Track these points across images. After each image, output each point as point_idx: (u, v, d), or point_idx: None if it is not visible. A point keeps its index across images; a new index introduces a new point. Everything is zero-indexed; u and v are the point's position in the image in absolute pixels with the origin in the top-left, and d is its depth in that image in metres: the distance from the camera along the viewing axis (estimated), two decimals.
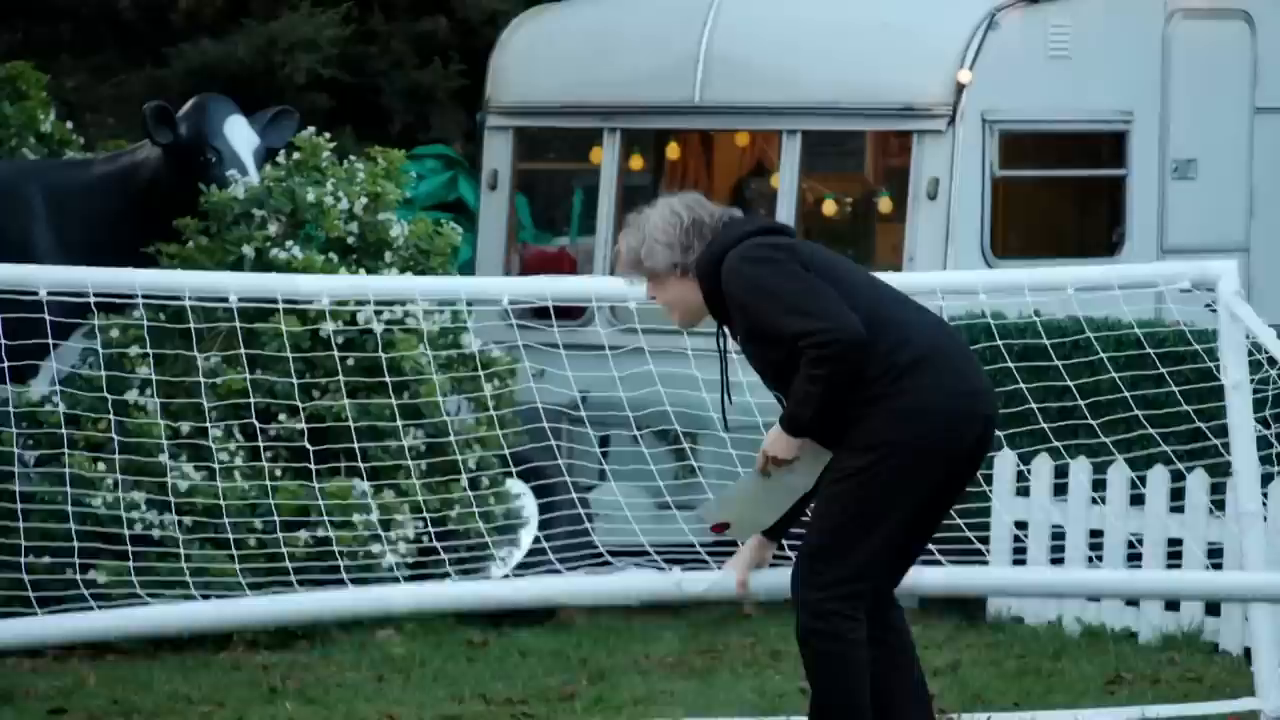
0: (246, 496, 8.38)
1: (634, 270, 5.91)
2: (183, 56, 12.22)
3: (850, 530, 5.74)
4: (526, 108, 10.46)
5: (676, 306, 5.88)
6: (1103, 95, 9.91)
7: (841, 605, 5.72)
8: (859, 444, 5.75)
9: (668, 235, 5.87)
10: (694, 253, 5.83)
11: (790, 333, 5.70)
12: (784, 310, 5.73)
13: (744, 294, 5.77)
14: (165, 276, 7.33)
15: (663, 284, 5.87)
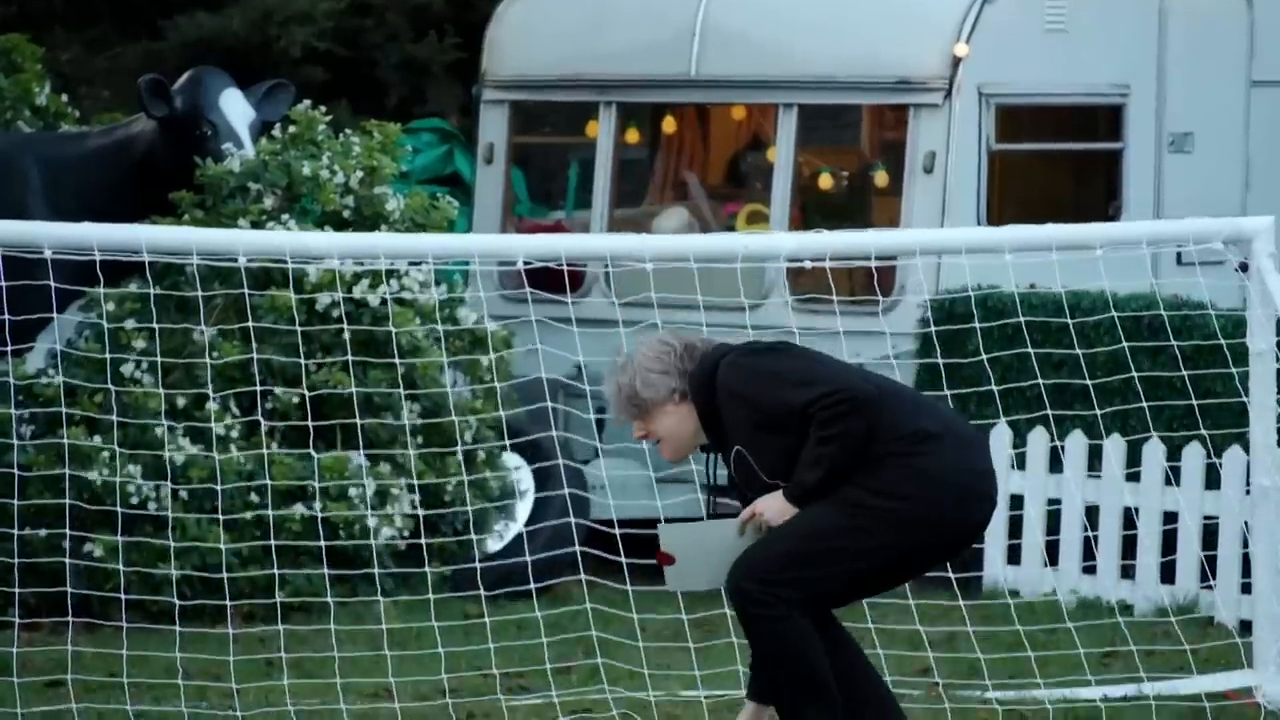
0: (243, 470, 8.39)
1: (630, 406, 5.93)
2: (178, 30, 12.20)
3: (820, 557, 5.78)
4: (522, 81, 10.44)
5: (671, 438, 5.90)
6: (1099, 69, 9.89)
7: (778, 601, 5.78)
8: (869, 486, 5.77)
9: (663, 363, 5.91)
10: (688, 377, 5.86)
11: (800, 403, 5.72)
12: (789, 386, 5.76)
13: (744, 385, 5.79)
14: (172, 234, 7.31)
15: (657, 416, 5.90)
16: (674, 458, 5.97)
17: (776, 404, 5.76)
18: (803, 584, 5.76)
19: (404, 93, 12.52)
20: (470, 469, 8.58)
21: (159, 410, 8.28)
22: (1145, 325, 8.69)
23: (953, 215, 9.52)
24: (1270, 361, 7.14)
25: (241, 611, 8.19)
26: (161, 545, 8.14)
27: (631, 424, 5.98)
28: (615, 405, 5.97)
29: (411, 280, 8.71)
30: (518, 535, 8.90)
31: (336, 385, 8.44)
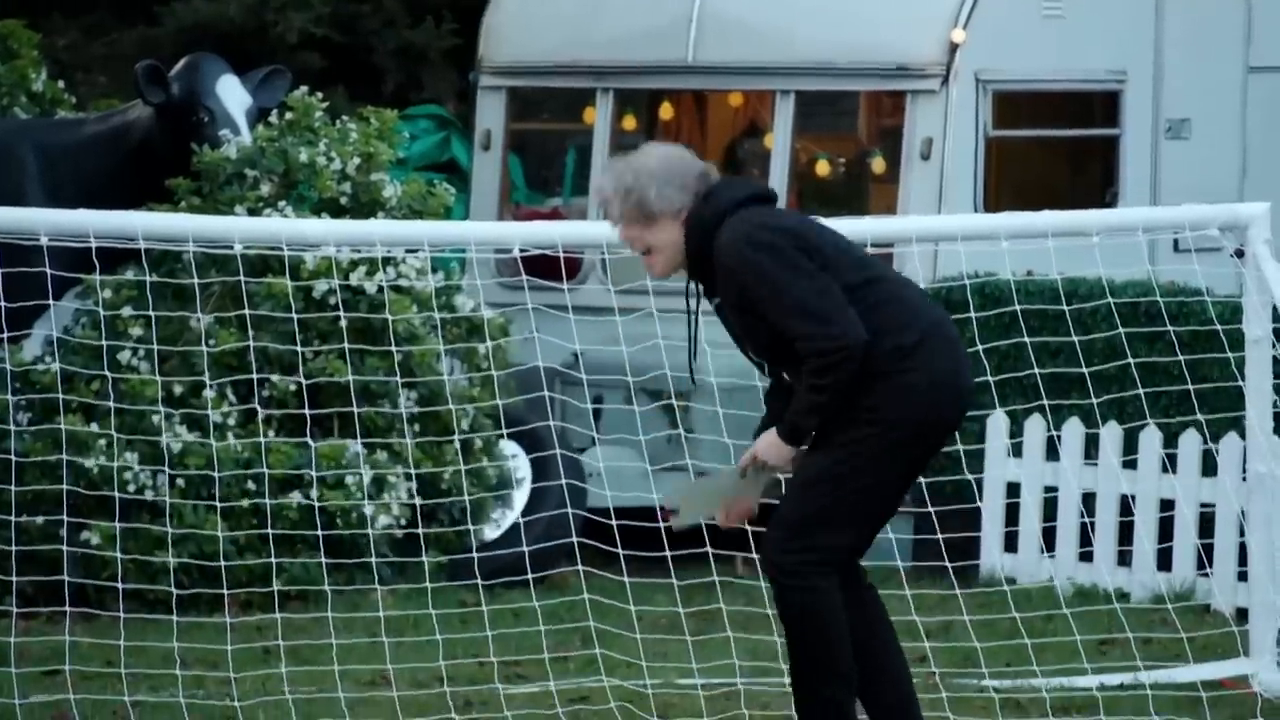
0: (239, 458, 8.39)
1: (634, 212, 5.72)
2: (175, 15, 12.18)
3: (837, 504, 5.76)
4: (519, 67, 10.43)
5: (664, 251, 5.73)
6: (1096, 55, 9.88)
7: (815, 568, 5.76)
8: (860, 417, 5.75)
9: (682, 178, 5.73)
10: (695, 200, 5.71)
11: (794, 334, 5.65)
12: (788, 307, 5.66)
13: (742, 272, 5.67)
14: (168, 220, 7.31)
15: (659, 228, 5.73)
16: (662, 273, 5.78)
17: (769, 313, 5.67)
18: (830, 544, 5.74)
19: (401, 79, 12.50)
20: (467, 457, 8.58)
21: (156, 398, 8.28)
22: (1142, 312, 8.69)
23: (950, 202, 9.52)
24: (1266, 348, 7.13)
25: (239, 600, 8.20)
26: (159, 533, 8.14)
27: (615, 225, 5.77)
28: (616, 208, 5.73)
29: (408, 268, 8.70)
30: (515, 524, 8.90)
31: (333, 373, 8.44)
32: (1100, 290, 8.45)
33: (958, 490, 8.54)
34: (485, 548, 8.73)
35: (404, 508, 8.53)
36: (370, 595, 8.18)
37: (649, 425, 8.74)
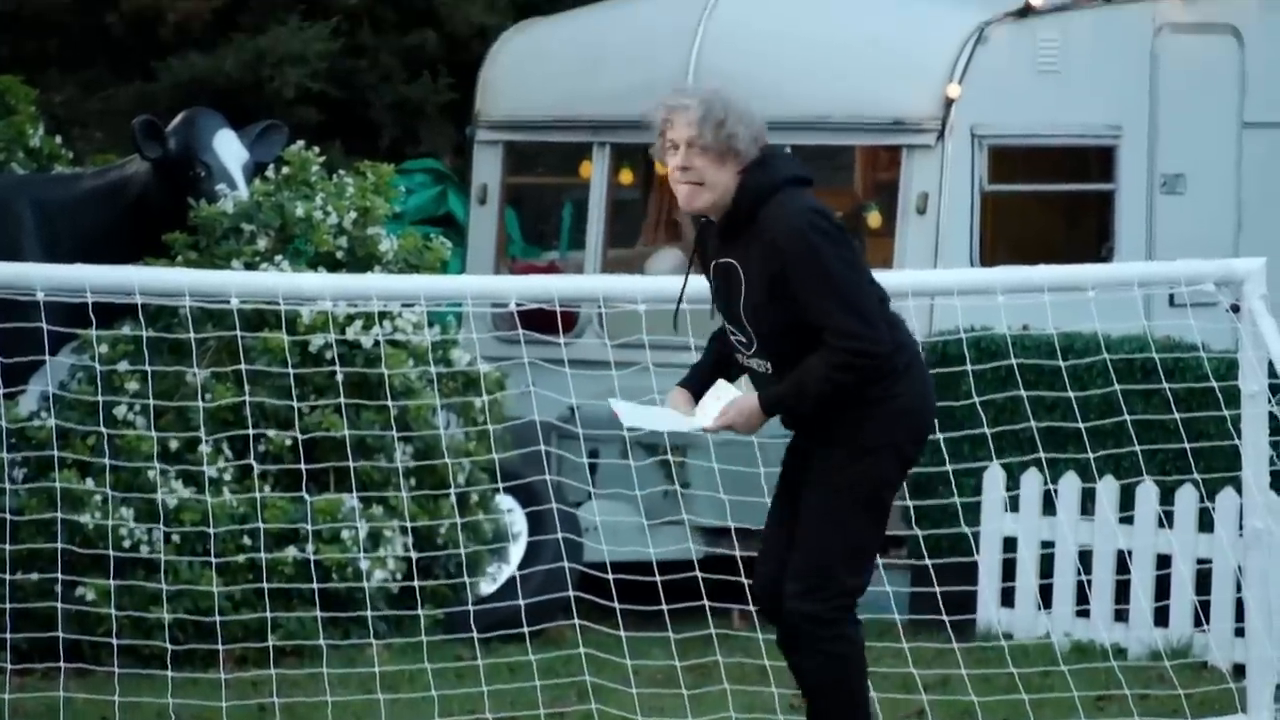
0: (235, 513, 8.38)
1: (710, 134, 5.58)
2: (171, 71, 12.21)
3: (851, 541, 5.74)
4: (516, 122, 10.46)
5: (715, 190, 5.63)
6: (1091, 110, 9.92)
7: (847, 614, 5.75)
8: (857, 446, 5.74)
9: (759, 131, 5.66)
10: (753, 158, 5.62)
11: (836, 326, 5.60)
12: (841, 299, 5.62)
13: (799, 255, 5.58)
14: (164, 275, 7.31)
15: (723, 167, 5.62)
16: (702, 208, 5.62)
17: (812, 298, 5.61)
18: (854, 585, 5.72)
19: (397, 133, 12.54)
20: (463, 511, 8.57)
21: (152, 453, 8.27)
22: (1138, 367, 8.69)
23: (945, 256, 9.54)
24: (1262, 403, 7.13)
25: (234, 655, 8.17)
26: (154, 589, 8.12)
27: (677, 144, 5.61)
28: (693, 131, 5.53)
29: (405, 322, 8.71)
30: (511, 578, 8.89)
31: (329, 427, 8.43)
32: (1096, 345, 8.46)
33: (954, 544, 8.52)
34: (481, 602, 8.72)
35: (400, 562, 8.51)
36: (366, 650, 8.16)
37: (645, 480, 8.74)
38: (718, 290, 5.80)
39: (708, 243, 5.83)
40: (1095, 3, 9.93)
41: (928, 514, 8.68)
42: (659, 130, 5.77)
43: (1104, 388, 8.26)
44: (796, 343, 5.68)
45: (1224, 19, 10.13)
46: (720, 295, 5.79)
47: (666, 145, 5.75)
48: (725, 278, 5.76)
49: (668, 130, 5.73)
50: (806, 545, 5.75)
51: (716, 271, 5.79)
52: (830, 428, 5.74)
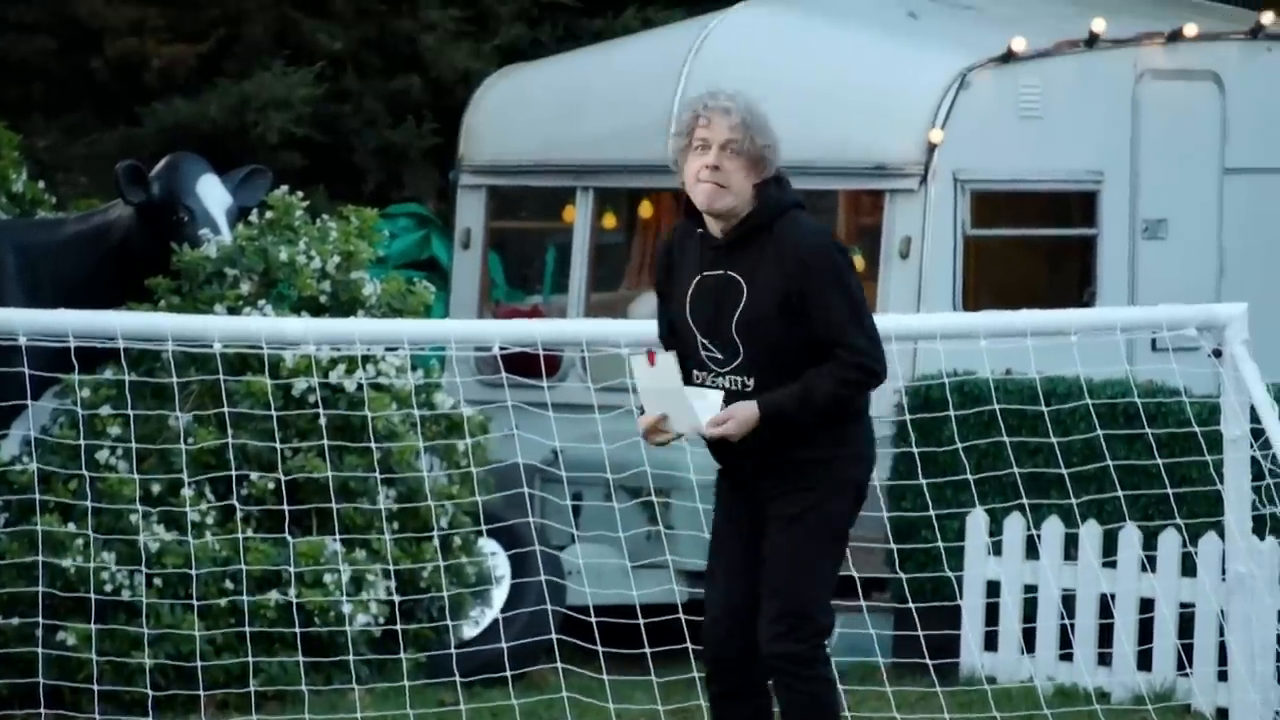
0: (217, 557, 8.36)
1: (753, 153, 5.66)
2: (155, 116, 12.22)
3: (825, 582, 5.76)
4: (499, 166, 10.47)
5: (739, 195, 5.69)
6: (1073, 155, 9.95)
7: (824, 653, 5.74)
8: (828, 487, 5.75)
9: (779, 147, 5.75)
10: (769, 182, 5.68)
11: (851, 343, 5.66)
12: (859, 319, 5.70)
13: (824, 271, 5.65)
14: (147, 319, 7.32)
15: (752, 174, 5.68)
16: (725, 208, 5.64)
17: (829, 314, 5.66)
18: (828, 624, 5.73)
19: (381, 178, 12.55)
20: (446, 555, 8.55)
21: (134, 497, 8.25)
22: (1120, 411, 8.71)
23: (928, 300, 9.55)
24: (1244, 448, 7.14)
25: (215, 700, 8.14)
26: (135, 633, 8.09)
27: (709, 144, 5.64)
28: (735, 134, 5.62)
29: (388, 365, 8.71)
30: (494, 622, 8.87)
31: (312, 471, 8.42)
32: (1079, 390, 8.47)
33: (938, 588, 8.52)
34: (464, 645, 8.69)
35: (382, 605, 8.49)
36: (348, 695, 8.13)
37: (628, 522, 8.73)
38: (698, 306, 5.77)
39: (682, 260, 5.80)
40: (1077, 49, 9.97)
41: (911, 557, 8.68)
42: (686, 128, 5.77)
43: (1086, 432, 8.27)
44: (786, 361, 5.69)
45: (1205, 65, 10.18)
46: (702, 310, 5.76)
47: (694, 144, 5.75)
48: (719, 291, 5.74)
49: (700, 129, 5.74)
50: (782, 587, 5.73)
51: (705, 284, 5.76)
52: (801, 469, 5.74)
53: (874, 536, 8.26)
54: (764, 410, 5.69)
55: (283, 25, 12.57)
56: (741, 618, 5.77)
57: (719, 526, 5.87)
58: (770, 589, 5.74)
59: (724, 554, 5.84)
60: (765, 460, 5.77)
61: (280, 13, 12.55)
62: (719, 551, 5.84)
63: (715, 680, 5.81)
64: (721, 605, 5.80)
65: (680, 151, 5.78)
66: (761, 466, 5.78)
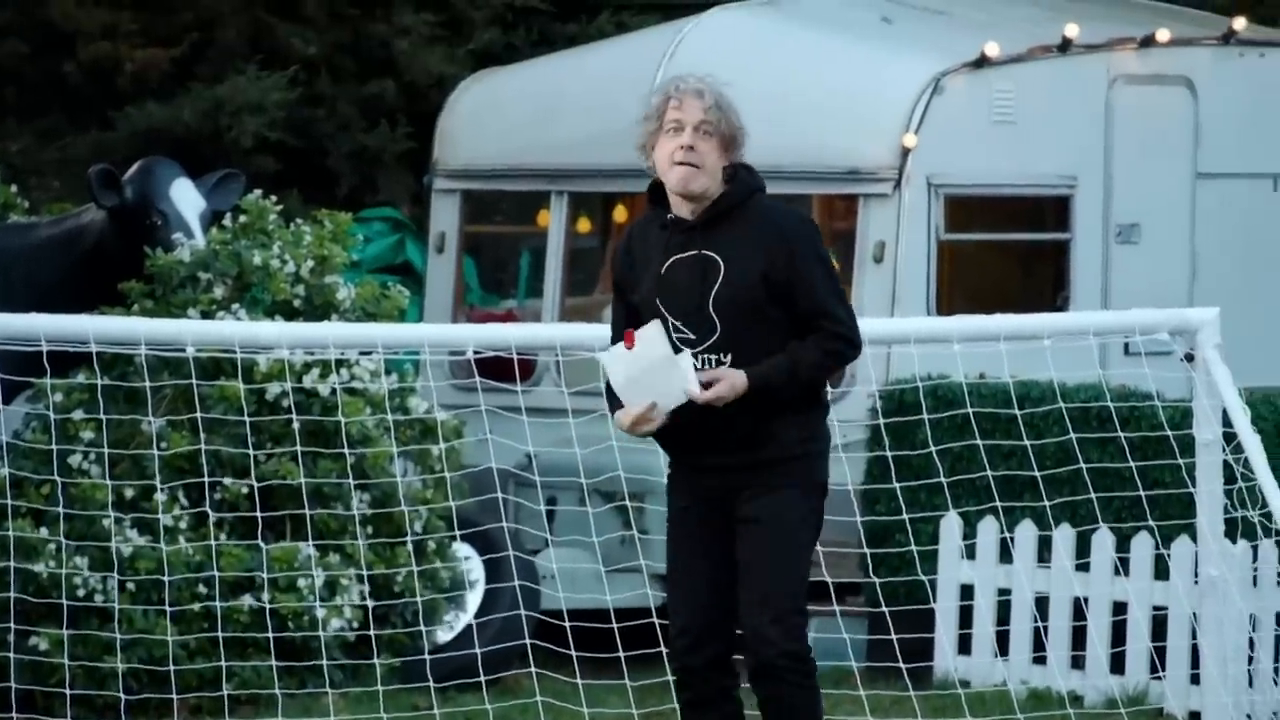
0: (191, 561, 8.34)
1: (717, 117, 5.71)
2: (128, 120, 12.20)
3: (807, 577, 5.77)
4: (474, 171, 10.47)
5: (712, 175, 5.74)
6: (1047, 160, 9.97)
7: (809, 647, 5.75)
8: (808, 484, 5.77)
9: (742, 126, 5.79)
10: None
11: (834, 315, 5.72)
12: (836, 294, 5.76)
13: (808, 247, 5.72)
14: (120, 324, 7.30)
15: (723, 156, 5.73)
16: (700, 188, 5.69)
17: (813, 289, 5.71)
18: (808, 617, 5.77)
19: (355, 182, 12.54)
20: (420, 559, 8.54)
21: (106, 501, 8.23)
22: (1093, 415, 8.72)
23: (902, 305, 9.56)
24: (1217, 452, 7.16)
25: (188, 705, 8.13)
26: (108, 638, 8.07)
27: (683, 125, 5.66)
28: (711, 115, 5.67)
29: (362, 370, 8.70)
30: (468, 626, 8.86)
31: (286, 475, 8.41)
32: (1052, 394, 8.49)
33: (911, 591, 8.53)
34: (438, 650, 8.69)
35: (356, 610, 8.48)
36: (322, 699, 8.12)
37: (603, 527, 8.72)
38: (668, 288, 5.76)
39: (646, 249, 5.80)
40: (1050, 54, 9.99)
41: (885, 561, 8.69)
42: (657, 112, 5.81)
43: (1060, 436, 8.29)
44: (762, 336, 5.71)
45: (1178, 71, 10.20)
46: (674, 291, 5.76)
47: (666, 126, 5.78)
48: (692, 271, 5.75)
49: (672, 111, 5.78)
50: (774, 586, 5.70)
51: (677, 266, 5.76)
52: (777, 468, 5.74)
53: (848, 541, 8.27)
54: (752, 379, 5.70)
55: (256, 29, 12.56)
56: (710, 626, 5.77)
57: (676, 533, 5.85)
58: (762, 595, 5.71)
59: (686, 562, 5.82)
60: (738, 460, 5.76)
61: (254, 17, 12.53)
62: (682, 559, 5.83)
63: (686, 688, 5.80)
64: (688, 615, 5.79)
65: (650, 135, 5.81)
66: (734, 466, 5.77)
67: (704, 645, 5.77)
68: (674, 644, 5.81)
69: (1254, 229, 10.29)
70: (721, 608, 5.76)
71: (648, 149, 5.81)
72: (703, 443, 5.77)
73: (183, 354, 7.14)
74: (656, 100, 5.81)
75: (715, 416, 5.71)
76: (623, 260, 5.88)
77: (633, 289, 5.84)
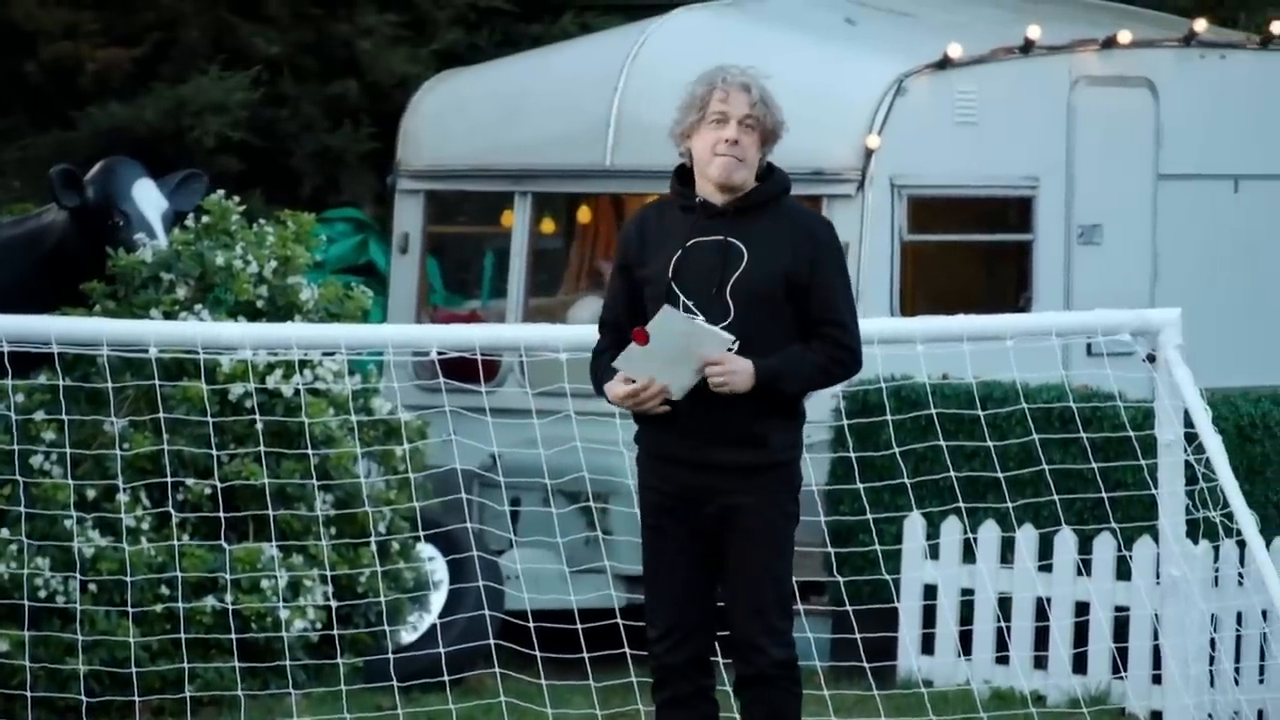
0: (153, 562, 8.32)
1: (770, 131, 5.82)
2: (90, 120, 12.16)
3: (792, 578, 5.80)
4: (437, 171, 10.46)
5: (751, 168, 5.80)
6: (1009, 161, 9.99)
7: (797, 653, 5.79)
8: (792, 489, 5.80)
9: (782, 120, 5.88)
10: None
11: (844, 323, 5.78)
12: (849, 304, 5.84)
13: (834, 254, 5.82)
14: (82, 324, 7.28)
15: (763, 150, 5.81)
16: (742, 180, 5.75)
17: (830, 294, 5.77)
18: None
19: (318, 182, 12.52)
20: (384, 560, 8.53)
21: (68, 502, 8.21)
22: (1056, 416, 8.75)
23: (865, 305, 9.57)
24: (1178, 452, 7.19)
25: (150, 706, 8.11)
26: (69, 639, 8.05)
27: (727, 118, 5.72)
28: (756, 111, 5.75)
29: (325, 370, 8.68)
30: (432, 627, 8.85)
31: (249, 476, 8.39)
32: (1015, 394, 8.51)
33: (875, 591, 8.55)
34: (401, 651, 8.68)
35: (319, 611, 8.47)
36: (285, 700, 8.11)
37: (567, 527, 8.72)
38: (686, 269, 5.76)
39: (664, 229, 5.80)
40: (1013, 55, 10.02)
41: (849, 561, 8.70)
42: (700, 102, 5.84)
43: (1022, 436, 8.31)
44: (772, 330, 5.74)
45: (1139, 72, 10.24)
46: (691, 273, 5.76)
47: (710, 117, 5.82)
48: (714, 254, 5.76)
49: (718, 103, 5.82)
50: (767, 597, 5.72)
51: (698, 248, 5.77)
52: (765, 473, 5.74)
53: (812, 540, 8.28)
54: (760, 371, 5.72)
55: (219, 29, 12.53)
56: (691, 627, 5.77)
57: (654, 534, 5.84)
58: (755, 606, 5.72)
59: (665, 562, 5.81)
60: (730, 459, 5.75)
61: (216, 16, 12.50)
62: (662, 560, 5.81)
63: (665, 687, 5.80)
64: (670, 616, 5.78)
65: (691, 124, 5.83)
66: (726, 466, 5.76)
67: (683, 649, 5.77)
68: (655, 644, 5.81)
69: (1215, 230, 10.34)
70: (702, 608, 5.78)
71: (685, 137, 5.84)
72: (696, 436, 5.75)
73: (145, 355, 7.12)
74: (700, 90, 5.84)
75: (714, 407, 5.70)
76: (634, 237, 5.88)
77: (640, 266, 5.84)
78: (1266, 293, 10.36)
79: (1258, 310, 10.34)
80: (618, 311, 5.87)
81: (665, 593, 5.79)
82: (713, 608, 5.77)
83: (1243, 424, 9.14)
